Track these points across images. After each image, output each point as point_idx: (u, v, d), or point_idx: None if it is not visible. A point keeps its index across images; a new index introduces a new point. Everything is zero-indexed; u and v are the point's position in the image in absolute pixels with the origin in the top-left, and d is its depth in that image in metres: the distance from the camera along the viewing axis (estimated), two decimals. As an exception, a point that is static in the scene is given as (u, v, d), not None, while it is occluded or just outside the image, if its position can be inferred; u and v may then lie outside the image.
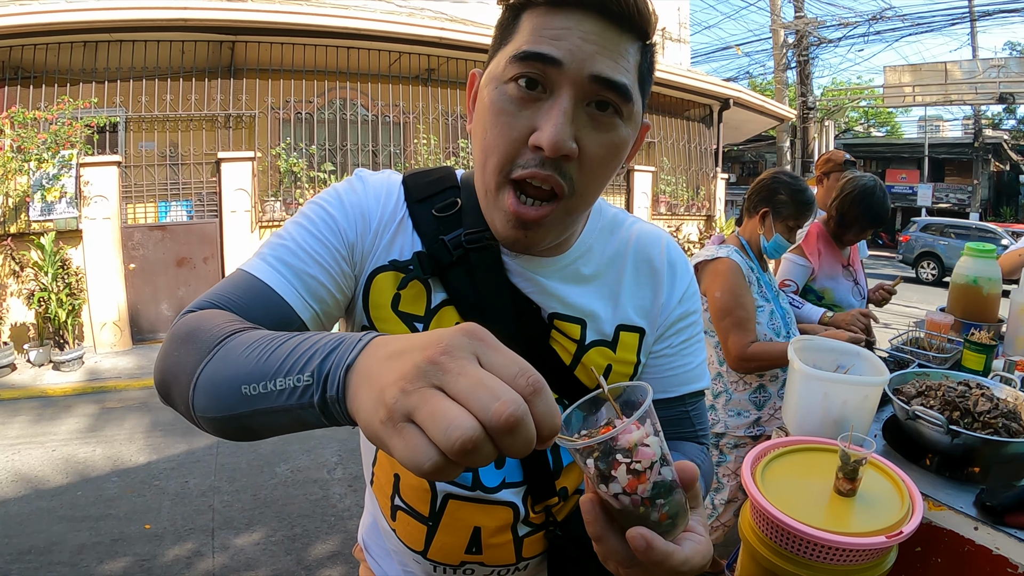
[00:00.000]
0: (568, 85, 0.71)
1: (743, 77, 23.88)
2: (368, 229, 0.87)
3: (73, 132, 6.58)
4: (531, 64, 0.71)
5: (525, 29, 0.74)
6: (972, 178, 24.85)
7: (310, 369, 0.52)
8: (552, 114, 0.71)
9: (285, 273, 0.79)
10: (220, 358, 0.62)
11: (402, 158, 8.86)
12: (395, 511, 0.99)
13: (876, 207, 2.66)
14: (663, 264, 0.96)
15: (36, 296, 6.41)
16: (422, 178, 0.92)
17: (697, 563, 0.58)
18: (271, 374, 0.55)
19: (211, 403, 0.61)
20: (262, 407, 0.56)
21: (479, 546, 0.95)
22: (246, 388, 0.57)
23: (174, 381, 0.66)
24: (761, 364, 2.28)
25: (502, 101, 0.74)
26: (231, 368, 0.60)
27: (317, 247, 0.83)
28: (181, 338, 0.69)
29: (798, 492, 1.44)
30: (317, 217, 0.85)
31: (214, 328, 0.67)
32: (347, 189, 0.89)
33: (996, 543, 1.35)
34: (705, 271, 2.37)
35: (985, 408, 1.57)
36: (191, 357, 0.65)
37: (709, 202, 12.56)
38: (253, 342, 0.60)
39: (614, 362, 0.92)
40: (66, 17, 6.56)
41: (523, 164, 0.74)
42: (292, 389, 0.53)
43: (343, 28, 7.81)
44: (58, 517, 3.65)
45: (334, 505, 3.83)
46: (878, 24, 18.39)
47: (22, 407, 5.62)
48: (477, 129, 0.80)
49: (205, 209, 7.78)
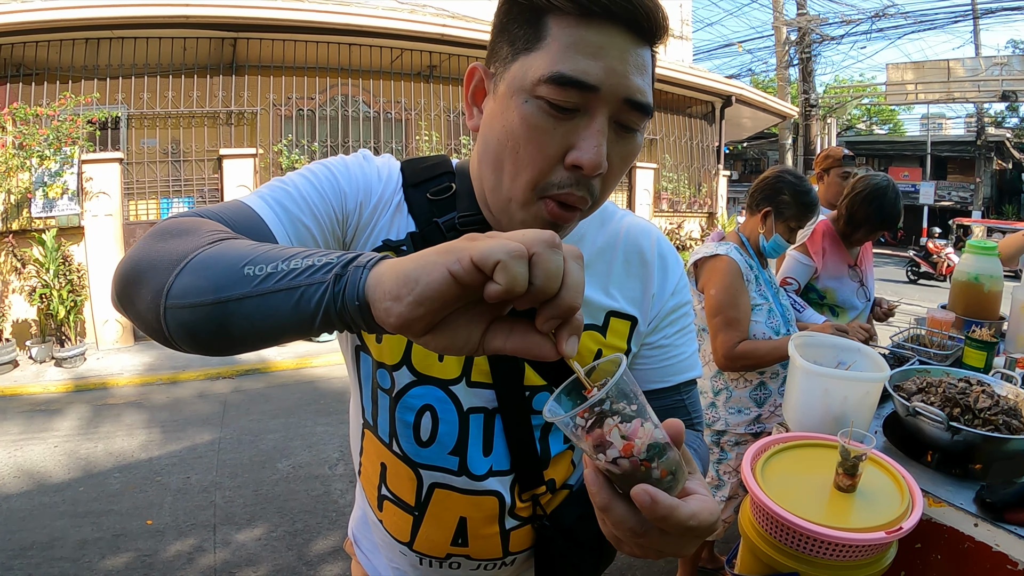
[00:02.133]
0: (603, 106, 0.71)
1: (745, 74, 23.94)
2: (368, 203, 0.87)
3: (75, 129, 6.58)
4: (569, 91, 0.70)
5: (556, 41, 0.70)
6: (974, 176, 24.82)
7: (334, 254, 0.55)
8: (591, 135, 0.71)
9: (279, 213, 0.78)
10: (221, 248, 0.60)
11: (404, 154, 8.84)
12: (382, 501, 0.99)
13: (887, 208, 2.62)
14: (654, 257, 0.97)
15: (38, 293, 6.42)
16: (418, 164, 0.93)
17: (705, 519, 0.56)
18: (284, 257, 0.56)
19: (196, 284, 0.57)
20: (261, 288, 0.54)
21: (465, 538, 0.95)
22: (249, 268, 0.56)
23: (149, 270, 0.61)
24: (748, 363, 2.28)
25: (537, 116, 0.72)
26: (233, 254, 0.58)
27: (317, 200, 0.82)
28: (168, 232, 0.65)
29: (798, 488, 1.45)
30: (322, 175, 0.85)
31: (213, 231, 0.65)
32: (354, 161, 0.89)
33: (996, 540, 1.35)
34: (704, 267, 2.37)
35: (986, 405, 1.58)
36: (181, 246, 0.62)
37: (711, 199, 12.56)
38: (260, 244, 0.61)
39: (604, 347, 0.93)
40: (68, 14, 6.57)
41: (558, 184, 0.74)
42: (308, 266, 0.54)
43: (345, 25, 7.82)
44: (60, 513, 3.67)
45: (335, 501, 3.83)
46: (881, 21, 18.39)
47: (24, 403, 5.64)
48: (497, 133, 0.76)
49: (207, 205, 7.74)
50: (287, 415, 5.33)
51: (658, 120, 11.57)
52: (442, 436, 0.91)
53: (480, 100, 0.82)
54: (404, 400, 0.90)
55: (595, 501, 0.59)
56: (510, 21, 0.75)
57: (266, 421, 5.17)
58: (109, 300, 6.52)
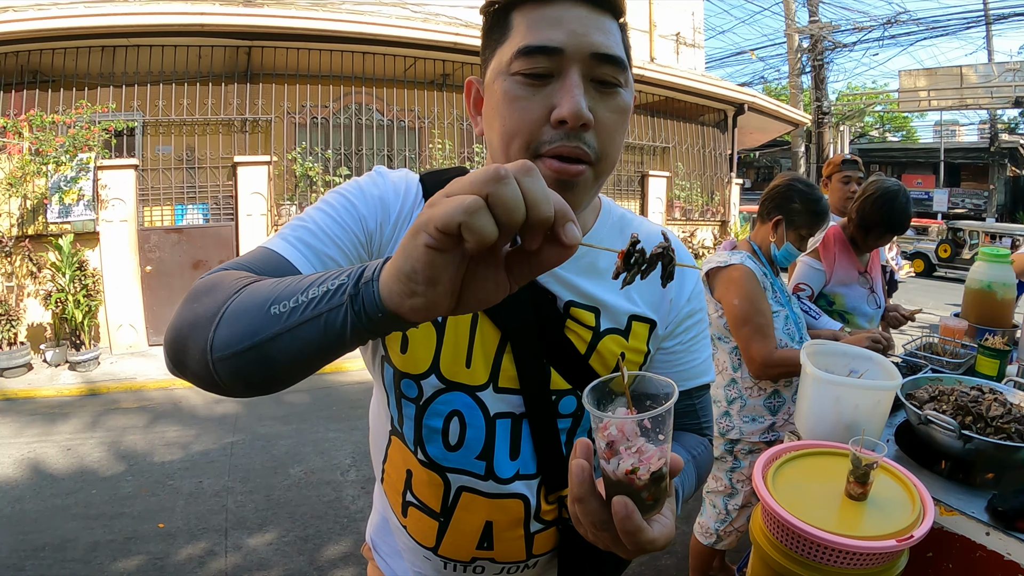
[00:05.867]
0: (573, 65, 0.77)
1: (758, 82, 23.83)
2: (388, 219, 0.89)
3: (91, 135, 6.66)
4: (537, 58, 0.77)
5: (521, 25, 0.79)
6: (988, 183, 24.63)
7: (345, 274, 0.57)
8: (566, 89, 0.76)
9: (303, 250, 0.81)
10: (247, 294, 0.64)
11: (417, 163, 8.89)
12: (406, 507, 1.00)
13: (898, 212, 2.61)
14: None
15: (53, 297, 6.48)
16: (438, 176, 0.94)
17: (660, 544, 0.66)
18: (303, 289, 0.59)
19: (233, 334, 0.61)
20: (289, 323, 0.58)
21: (490, 541, 0.96)
22: (275, 307, 0.59)
23: (191, 332, 0.66)
24: (784, 370, 2.25)
25: (515, 88, 0.78)
26: (259, 297, 0.62)
27: (337, 230, 0.84)
28: (200, 292, 0.69)
29: (809, 496, 1.44)
30: (338, 204, 0.87)
31: (238, 279, 0.68)
32: (368, 181, 0.91)
33: (1008, 549, 1.34)
34: (718, 278, 2.34)
35: (998, 413, 1.57)
36: (213, 302, 0.66)
37: (724, 207, 12.52)
38: (281, 279, 0.64)
39: (627, 350, 0.95)
40: (84, 22, 6.65)
41: (548, 140, 0.78)
42: (324, 292, 0.57)
43: (359, 34, 7.86)
44: (72, 515, 3.70)
45: (347, 507, 3.84)
46: (893, 28, 18.28)
47: (38, 406, 5.69)
48: (492, 122, 0.83)
49: (221, 212, 7.82)
50: (299, 421, 5.35)
51: (671, 128, 11.56)
52: (469, 441, 0.93)
53: (480, 108, 0.89)
54: (432, 407, 0.92)
55: (575, 491, 0.66)
56: (487, 31, 0.85)
57: (278, 427, 5.19)
58: (123, 305, 6.57)
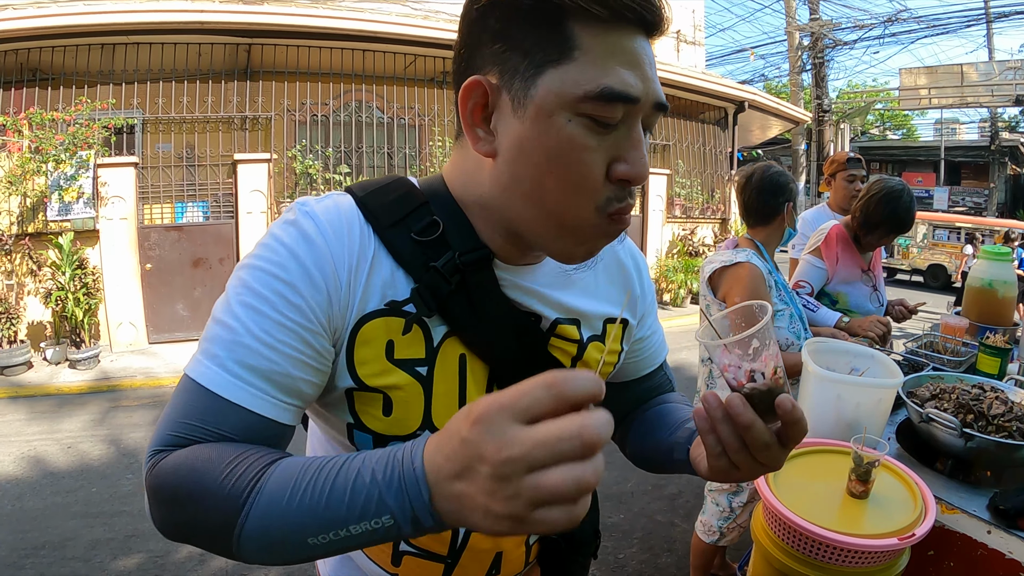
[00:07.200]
0: (640, 115, 0.70)
1: (758, 80, 23.87)
2: (340, 282, 0.73)
3: (90, 133, 6.65)
4: (616, 106, 0.66)
5: (590, 49, 0.66)
6: (989, 181, 24.65)
7: (387, 511, 0.56)
8: (635, 146, 0.69)
9: (251, 380, 0.68)
10: (262, 513, 0.60)
11: (417, 160, 8.89)
12: (399, 557, 0.93)
13: (901, 211, 2.61)
14: (630, 260, 1.00)
15: (53, 295, 6.47)
16: (381, 197, 0.79)
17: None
18: (340, 520, 0.57)
19: (273, 558, 0.62)
20: (337, 548, 0.59)
21: (499, 567, 0.94)
22: (313, 539, 0.58)
23: (200, 538, 0.65)
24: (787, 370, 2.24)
25: (584, 136, 0.67)
26: (286, 523, 0.59)
27: (280, 335, 0.69)
28: (183, 494, 0.64)
29: (810, 494, 1.44)
30: (272, 293, 0.70)
31: (222, 476, 0.62)
32: (299, 239, 0.72)
33: (1009, 547, 1.34)
34: (725, 276, 2.34)
35: (999, 411, 1.57)
36: (214, 513, 0.62)
37: (724, 205, 12.51)
38: (293, 487, 0.60)
39: (606, 354, 0.92)
40: (83, 19, 6.64)
41: (616, 198, 0.71)
42: (372, 530, 0.57)
43: (359, 31, 7.85)
44: (72, 513, 3.70)
45: (346, 504, 3.83)
46: (893, 26, 18.31)
47: (38, 404, 5.70)
48: (540, 160, 0.69)
49: (221, 210, 7.82)
50: (298, 418, 5.32)
51: (671, 126, 11.54)
52: None
53: (489, 119, 0.72)
54: None
55: (742, 420, 0.67)
56: (509, 25, 0.68)
57: (278, 424, 5.16)
58: (123, 303, 6.53)
